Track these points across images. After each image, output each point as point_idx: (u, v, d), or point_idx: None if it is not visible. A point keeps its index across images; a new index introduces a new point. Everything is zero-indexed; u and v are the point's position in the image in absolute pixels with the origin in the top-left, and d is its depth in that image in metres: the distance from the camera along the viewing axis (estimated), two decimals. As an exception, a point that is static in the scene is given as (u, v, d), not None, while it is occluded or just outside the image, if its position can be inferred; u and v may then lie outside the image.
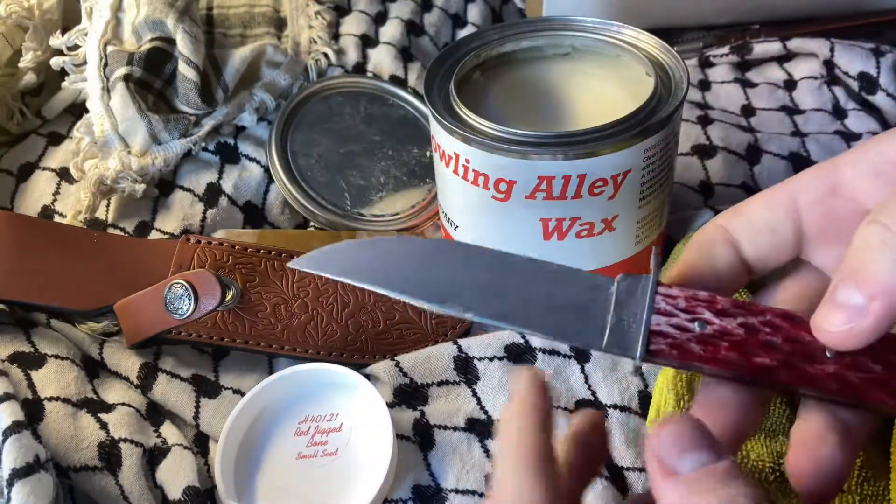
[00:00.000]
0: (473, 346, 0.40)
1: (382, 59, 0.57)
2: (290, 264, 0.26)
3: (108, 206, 0.47)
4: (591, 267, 0.41)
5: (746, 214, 0.28)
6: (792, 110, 0.57)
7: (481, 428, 0.38)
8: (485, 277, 0.26)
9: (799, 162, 0.52)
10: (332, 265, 0.26)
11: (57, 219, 0.47)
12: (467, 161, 0.38)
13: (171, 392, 0.40)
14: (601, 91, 0.42)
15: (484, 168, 0.38)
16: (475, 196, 0.39)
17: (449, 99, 0.39)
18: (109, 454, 0.36)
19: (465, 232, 0.43)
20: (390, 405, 0.38)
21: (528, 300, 0.25)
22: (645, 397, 0.39)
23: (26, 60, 0.51)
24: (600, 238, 0.40)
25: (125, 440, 0.36)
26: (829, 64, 0.57)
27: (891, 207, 0.23)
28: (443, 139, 0.39)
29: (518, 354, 0.40)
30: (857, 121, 0.56)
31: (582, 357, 0.40)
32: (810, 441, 0.25)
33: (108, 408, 0.38)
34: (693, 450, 0.21)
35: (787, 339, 0.24)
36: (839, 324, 0.24)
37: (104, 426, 0.37)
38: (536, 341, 0.40)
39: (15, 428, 0.33)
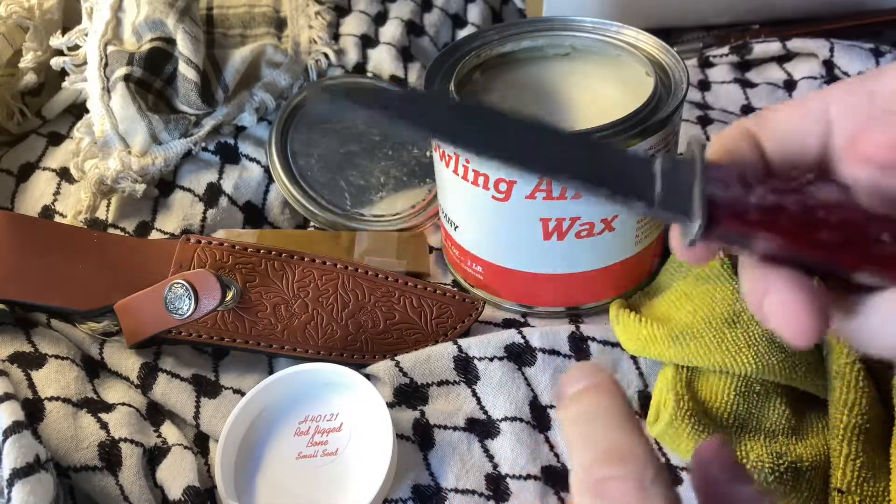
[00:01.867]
0: (473, 346, 0.40)
1: (382, 59, 0.57)
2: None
3: (108, 206, 0.47)
4: (591, 267, 0.41)
5: (774, 119, 0.26)
6: (792, 110, 0.57)
7: (481, 428, 0.38)
8: (520, 136, 0.24)
9: (799, 162, 0.52)
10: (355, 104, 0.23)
11: (57, 219, 0.47)
12: (467, 161, 0.38)
13: (172, 392, 0.40)
14: (601, 91, 0.42)
15: (484, 168, 0.38)
16: (475, 196, 0.39)
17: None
18: (109, 454, 0.36)
19: (465, 232, 0.43)
20: (390, 405, 0.38)
21: (570, 158, 0.24)
22: (645, 397, 0.39)
23: (26, 60, 0.51)
24: (600, 238, 0.40)
25: (125, 440, 0.36)
26: (828, 64, 0.57)
27: None
28: (443, 139, 0.39)
29: (518, 354, 0.40)
30: (856, 121, 0.55)
31: (582, 356, 0.40)
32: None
33: (109, 408, 0.38)
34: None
35: (846, 220, 0.23)
36: (886, 140, 0.22)
37: (104, 426, 0.37)
38: (536, 341, 0.40)
39: (15, 428, 0.33)
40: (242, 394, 0.40)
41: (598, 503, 0.21)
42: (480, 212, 0.40)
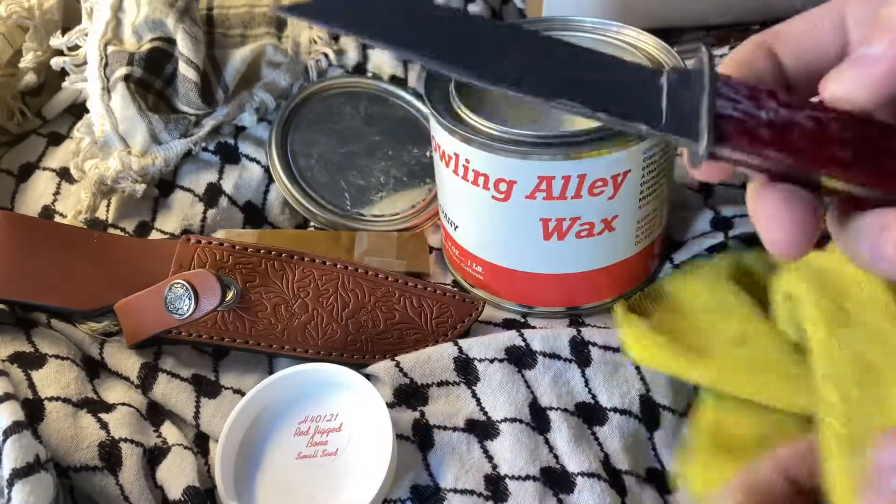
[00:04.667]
0: (474, 347, 0.40)
1: (382, 60, 0.57)
2: (279, 10, 0.22)
3: (108, 206, 0.47)
4: (591, 267, 0.41)
5: (789, 32, 0.26)
6: (792, 110, 0.57)
7: (480, 429, 0.38)
8: (521, 51, 0.22)
9: (799, 162, 0.52)
10: (334, 13, 0.21)
11: (57, 219, 0.47)
12: (467, 161, 0.38)
13: (172, 392, 0.40)
14: (601, 91, 0.42)
15: (484, 168, 0.38)
16: (475, 196, 0.39)
17: (449, 99, 0.39)
18: (110, 454, 0.36)
19: (465, 232, 0.43)
20: (390, 405, 0.38)
21: (572, 77, 0.22)
22: (646, 401, 0.39)
23: (27, 60, 0.51)
24: (600, 238, 0.40)
25: (125, 440, 0.36)
26: (829, 64, 0.57)
27: None
28: (443, 139, 0.39)
29: (518, 357, 0.40)
30: (857, 121, 0.55)
31: (582, 361, 0.40)
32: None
33: (109, 408, 0.38)
34: None
35: (860, 136, 0.22)
36: (849, 78, 0.22)
37: (104, 426, 0.37)
38: (537, 344, 0.40)
39: (15, 428, 0.33)
40: (242, 394, 0.40)
41: None
42: (480, 212, 0.40)
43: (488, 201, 0.39)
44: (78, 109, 0.52)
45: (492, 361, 0.39)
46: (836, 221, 0.25)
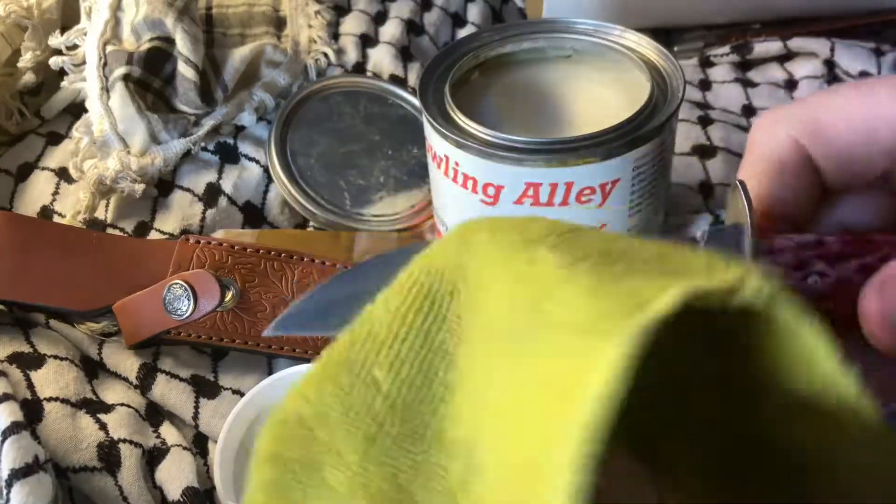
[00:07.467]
0: (471, 347, 0.40)
1: (382, 59, 0.57)
2: (265, 333, 0.25)
3: (107, 206, 0.47)
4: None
5: (834, 140, 0.23)
6: (792, 110, 0.57)
7: (479, 429, 0.38)
8: None
9: (798, 162, 0.52)
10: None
11: (56, 219, 0.47)
12: (457, 164, 0.38)
13: (171, 392, 0.40)
14: (601, 95, 0.41)
15: (473, 172, 0.37)
16: (464, 199, 0.39)
17: (443, 101, 0.39)
18: (108, 455, 0.36)
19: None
20: (388, 406, 0.38)
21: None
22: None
23: (25, 60, 0.51)
24: (593, 243, 0.39)
25: (124, 441, 0.37)
26: (829, 63, 0.57)
27: None
28: (434, 141, 0.39)
29: (516, 356, 0.40)
30: (857, 121, 0.55)
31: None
32: None
33: (108, 408, 0.38)
34: None
35: None
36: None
37: (103, 427, 0.37)
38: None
39: (14, 428, 0.33)
40: (242, 394, 0.40)
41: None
42: (469, 214, 0.39)
43: (477, 205, 0.39)
44: (77, 109, 0.52)
45: (490, 362, 0.39)
46: None
